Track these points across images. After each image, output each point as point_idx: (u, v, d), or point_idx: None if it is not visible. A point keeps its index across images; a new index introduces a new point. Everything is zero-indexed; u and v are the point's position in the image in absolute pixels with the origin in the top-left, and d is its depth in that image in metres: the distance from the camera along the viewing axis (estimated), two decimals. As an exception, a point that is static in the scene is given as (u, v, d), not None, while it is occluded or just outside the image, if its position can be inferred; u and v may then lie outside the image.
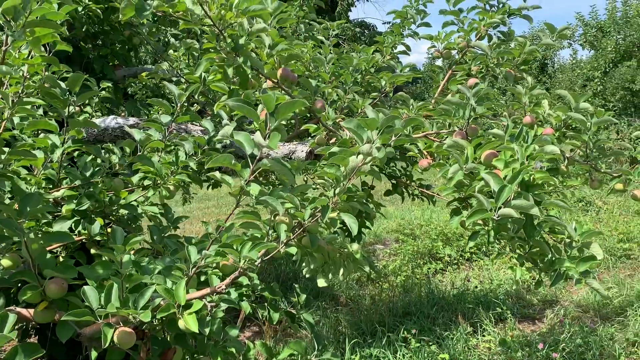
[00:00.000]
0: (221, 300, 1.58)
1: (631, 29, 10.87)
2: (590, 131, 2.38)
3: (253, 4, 1.70)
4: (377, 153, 1.59)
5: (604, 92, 11.49)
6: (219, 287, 1.51)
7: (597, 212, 7.90)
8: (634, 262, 5.65)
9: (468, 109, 2.12)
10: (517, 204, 1.64)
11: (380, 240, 7.81)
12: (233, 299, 1.60)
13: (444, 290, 4.88)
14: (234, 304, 1.59)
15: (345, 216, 1.66)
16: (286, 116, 1.33)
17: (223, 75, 1.82)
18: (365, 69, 3.18)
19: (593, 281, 1.96)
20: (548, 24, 2.88)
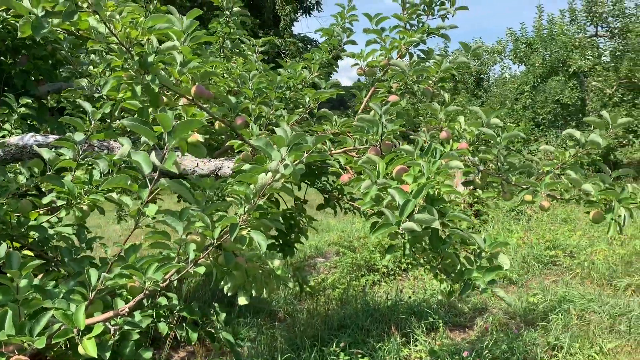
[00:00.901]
0: (125, 323, 1.54)
1: (556, 45, 11.50)
2: (500, 145, 2.50)
3: (159, 22, 1.69)
4: (284, 170, 1.61)
5: (533, 105, 12.07)
6: (122, 310, 1.48)
7: (527, 220, 8.25)
8: (559, 269, 5.93)
9: (380, 126, 2.19)
10: (420, 218, 1.70)
11: (321, 253, 7.84)
12: (137, 322, 1.57)
13: (379, 301, 4.96)
14: (138, 327, 1.56)
15: (255, 234, 1.66)
16: (185, 135, 1.33)
17: (132, 93, 1.80)
18: (293, 85, 3.22)
19: (499, 290, 2.05)
20: (463, 43, 3.02)
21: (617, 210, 2.28)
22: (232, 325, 4.62)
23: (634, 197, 2.31)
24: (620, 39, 11.67)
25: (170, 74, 1.96)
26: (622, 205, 2.28)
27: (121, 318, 1.53)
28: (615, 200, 2.29)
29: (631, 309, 4.31)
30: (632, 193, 2.31)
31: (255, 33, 22.02)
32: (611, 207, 2.30)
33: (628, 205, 2.29)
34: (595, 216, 2.36)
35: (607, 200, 2.34)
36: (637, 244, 6.40)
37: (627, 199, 2.28)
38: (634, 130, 10.84)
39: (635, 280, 5.16)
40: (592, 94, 11.21)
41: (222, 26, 3.36)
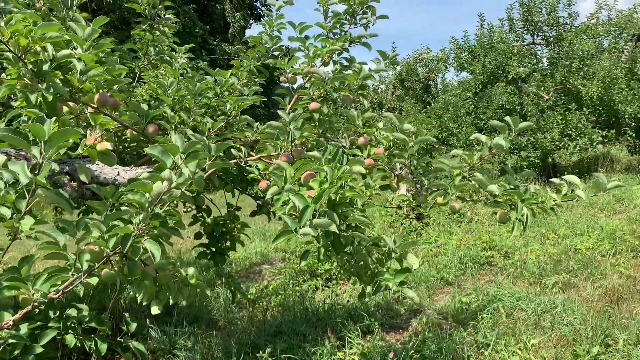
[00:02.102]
0: (9, 336, 1.51)
1: (495, 53, 11.90)
2: (413, 149, 2.58)
3: (50, 31, 1.67)
4: (178, 179, 1.62)
5: (476, 111, 12.44)
6: (6, 323, 1.45)
7: (468, 222, 8.48)
8: (494, 269, 6.12)
9: (290, 133, 2.22)
10: (318, 222, 1.73)
11: (267, 260, 7.83)
12: (22, 334, 1.53)
13: (318, 306, 4.99)
14: (23, 340, 1.52)
15: (149, 243, 1.65)
16: (61, 145, 1.32)
17: (26, 102, 1.76)
18: (220, 92, 3.22)
19: (408, 290, 2.12)
20: (381, 52, 3.09)
21: (520, 210, 2.39)
22: (169, 335, 4.55)
23: (536, 197, 2.42)
24: (555, 47, 12.20)
25: (72, 82, 1.94)
26: (525, 205, 2.39)
27: (6, 331, 1.49)
28: (519, 200, 2.40)
29: (556, 305, 4.49)
30: (534, 194, 2.42)
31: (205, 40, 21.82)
32: (515, 207, 2.41)
33: (530, 205, 2.40)
34: (502, 216, 2.47)
35: (512, 200, 2.45)
36: (568, 243, 6.69)
37: (530, 199, 2.39)
38: (569, 134, 11.34)
39: (562, 278, 5.39)
40: (528, 99, 11.65)
41: (145, 33, 3.33)
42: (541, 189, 2.48)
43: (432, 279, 5.74)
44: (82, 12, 3.26)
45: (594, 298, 4.79)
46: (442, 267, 6.08)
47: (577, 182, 2.37)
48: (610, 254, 6.24)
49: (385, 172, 2.64)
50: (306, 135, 2.31)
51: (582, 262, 5.85)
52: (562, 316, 4.27)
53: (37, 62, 1.76)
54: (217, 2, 22.07)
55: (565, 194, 2.40)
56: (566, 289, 5.21)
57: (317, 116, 2.93)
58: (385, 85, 21.34)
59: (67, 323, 2.12)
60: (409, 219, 8.22)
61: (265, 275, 7.00)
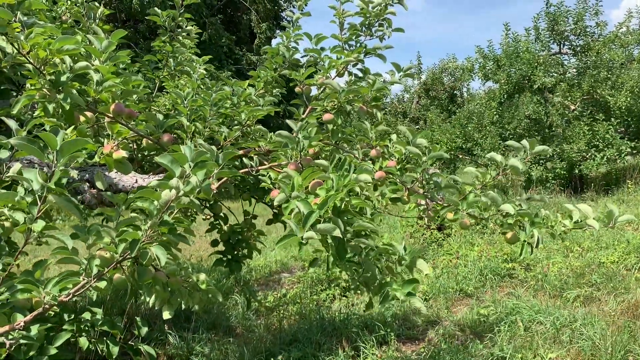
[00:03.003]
0: (21, 337, 1.57)
1: (520, 63, 11.79)
2: (426, 164, 2.58)
3: (68, 44, 1.75)
4: (185, 187, 1.67)
5: (500, 120, 12.32)
6: (18, 324, 1.51)
7: (490, 234, 8.38)
8: (514, 281, 6.04)
9: (299, 143, 2.26)
10: (321, 228, 1.76)
11: (287, 268, 7.87)
12: (32, 335, 1.59)
13: (334, 315, 5.00)
14: (33, 341, 1.58)
15: (156, 248, 1.70)
16: (73, 154, 1.38)
17: (44, 112, 1.84)
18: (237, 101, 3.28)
19: (416, 301, 2.12)
20: (395, 64, 3.11)
21: (529, 232, 2.37)
22: (186, 341, 4.62)
23: (547, 221, 2.40)
24: (582, 56, 12.02)
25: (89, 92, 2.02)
26: (535, 228, 2.36)
27: (17, 332, 1.55)
28: (529, 222, 2.38)
29: (575, 319, 4.41)
30: (544, 217, 2.40)
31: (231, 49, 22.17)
32: (525, 228, 2.39)
33: (540, 228, 2.38)
34: (512, 237, 2.45)
35: (522, 221, 2.43)
36: (592, 256, 6.55)
37: (540, 222, 2.38)
38: (596, 145, 11.12)
39: (584, 292, 5.28)
40: (553, 109, 11.48)
41: (165, 45, 3.42)
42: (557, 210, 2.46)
43: (451, 291, 5.69)
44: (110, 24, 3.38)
45: (616, 313, 4.68)
46: (462, 279, 6.02)
47: (588, 211, 2.33)
48: (636, 268, 6.08)
49: (396, 185, 2.65)
50: (316, 145, 2.35)
51: (606, 276, 5.72)
52: (581, 330, 4.19)
53: (55, 74, 1.84)
54: (243, 13, 22.41)
55: (577, 221, 2.36)
56: (588, 303, 5.10)
57: (330, 127, 2.96)
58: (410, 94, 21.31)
59: (81, 326, 2.19)
60: (430, 229, 8.17)
61: (284, 283, 7.03)
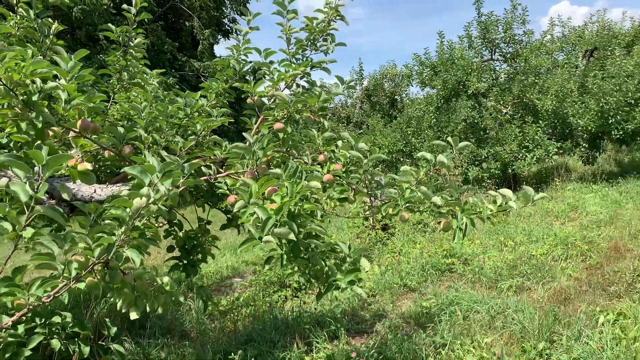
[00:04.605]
0: (9, 335, 1.71)
1: (455, 69, 12.43)
2: (367, 166, 2.86)
3: (40, 67, 1.90)
4: (155, 195, 1.86)
5: (438, 125, 12.92)
6: (5, 324, 1.65)
7: (432, 232, 8.84)
8: (454, 275, 6.46)
9: (255, 154, 2.48)
10: (278, 232, 1.99)
11: (238, 273, 8.01)
12: (19, 333, 1.74)
13: (287, 315, 5.22)
14: (20, 338, 1.73)
15: (130, 252, 1.88)
16: (56, 167, 1.55)
17: (17, 129, 1.98)
18: (190, 112, 3.45)
19: (357, 288, 2.38)
20: (339, 77, 3.38)
21: (460, 219, 2.69)
22: (142, 346, 4.71)
23: (475, 207, 2.73)
24: (512, 63, 12.81)
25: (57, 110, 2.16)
26: (464, 215, 2.69)
27: (5, 331, 1.69)
28: (459, 210, 2.70)
29: (508, 307, 4.83)
30: (473, 205, 2.73)
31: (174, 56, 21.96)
32: (456, 216, 2.71)
33: (470, 215, 2.70)
34: (445, 225, 2.76)
35: (454, 210, 2.75)
36: (523, 249, 7.09)
37: (469, 209, 2.70)
38: (526, 145, 11.89)
39: (516, 282, 5.75)
40: (487, 113, 12.18)
41: (119, 59, 3.55)
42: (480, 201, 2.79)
43: (396, 286, 6.03)
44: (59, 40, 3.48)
45: (543, 299, 5.15)
46: (405, 275, 6.38)
47: (509, 194, 2.67)
48: (562, 258, 6.65)
49: (343, 186, 2.92)
50: (270, 154, 2.57)
51: (536, 267, 6.23)
52: (513, 316, 4.61)
53: (26, 94, 1.98)
54: (185, 19, 22.25)
55: (500, 204, 2.70)
56: (519, 291, 5.57)
57: (281, 135, 3.19)
58: (353, 100, 21.84)
59: (52, 329, 2.32)
60: (375, 229, 8.54)
61: (236, 288, 7.18)
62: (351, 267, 2.49)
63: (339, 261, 2.54)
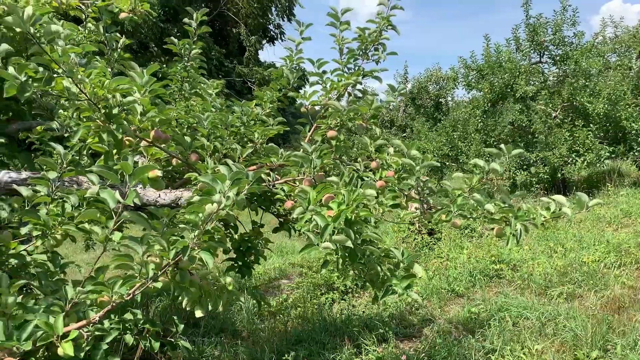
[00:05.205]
0: (96, 330, 1.88)
1: (503, 72, 12.26)
2: (419, 173, 2.94)
3: (122, 84, 2.08)
4: (226, 201, 2.00)
5: (485, 128, 12.77)
6: (93, 319, 1.82)
7: (479, 237, 8.77)
8: (502, 281, 6.41)
9: (312, 162, 2.60)
10: (336, 239, 2.10)
11: (285, 275, 8.17)
12: (106, 328, 1.91)
13: (335, 317, 5.32)
14: (106, 332, 1.90)
15: (203, 254, 2.03)
16: (142, 177, 1.70)
17: (99, 139, 2.16)
18: (246, 121, 3.61)
19: (413, 293, 2.46)
20: (390, 86, 3.47)
21: (514, 226, 2.73)
22: (197, 344, 4.91)
23: (528, 214, 2.76)
24: (561, 65, 12.52)
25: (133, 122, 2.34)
26: (518, 221, 2.73)
27: (93, 326, 1.87)
28: (513, 217, 2.74)
29: (559, 314, 4.78)
30: (526, 211, 2.76)
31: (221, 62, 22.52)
32: (510, 223, 2.75)
33: (524, 221, 2.74)
34: (498, 231, 2.81)
35: (507, 217, 2.79)
36: (574, 256, 6.95)
37: (522, 215, 2.74)
38: (577, 150, 11.60)
39: (566, 289, 5.66)
40: (536, 117, 11.95)
41: (181, 71, 3.75)
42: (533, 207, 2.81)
43: (443, 291, 6.04)
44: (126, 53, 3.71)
45: (596, 307, 5.07)
46: (453, 280, 6.38)
47: (563, 201, 2.69)
48: (615, 266, 6.49)
49: (395, 192, 3.00)
50: (326, 162, 2.68)
51: (587, 274, 6.11)
52: (564, 324, 4.56)
53: (106, 107, 2.17)
54: (232, 26, 22.76)
55: (554, 211, 2.72)
56: (570, 299, 5.49)
57: (334, 143, 3.31)
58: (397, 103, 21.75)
59: (125, 325, 2.50)
60: (421, 234, 8.54)
61: (284, 289, 7.34)
62: (405, 272, 2.56)
63: (392, 266, 2.63)
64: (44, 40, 1.85)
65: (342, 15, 3.47)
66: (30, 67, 1.94)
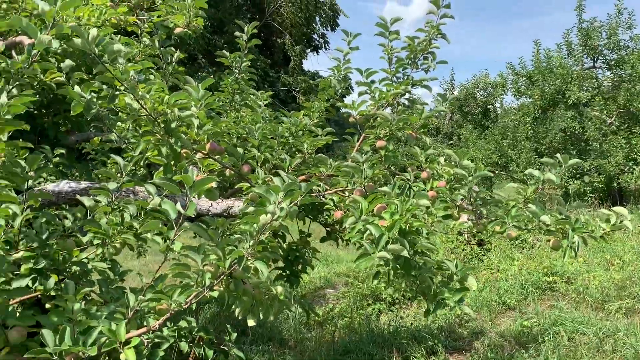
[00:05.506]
0: (155, 337, 1.94)
1: (554, 78, 11.93)
2: (471, 183, 2.88)
3: (180, 98, 2.14)
4: (280, 212, 2.02)
5: (535, 136, 12.44)
6: (153, 327, 1.87)
7: (530, 248, 8.52)
8: (556, 294, 6.20)
9: (363, 172, 2.60)
10: (392, 248, 2.08)
11: (330, 284, 8.17)
12: (165, 335, 1.96)
13: (383, 328, 5.27)
14: (165, 339, 1.95)
15: (258, 263, 2.06)
16: (202, 189, 1.75)
17: (158, 152, 2.23)
18: (294, 131, 3.65)
19: (465, 307, 2.41)
20: (441, 95, 3.44)
21: (572, 238, 2.64)
22: (245, 352, 4.97)
23: (586, 226, 2.67)
24: (617, 70, 12.08)
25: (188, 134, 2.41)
26: (576, 233, 2.63)
27: (152, 333, 1.92)
28: (570, 229, 2.65)
29: (618, 330, 4.58)
30: (584, 223, 2.67)
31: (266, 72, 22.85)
32: (567, 235, 2.66)
33: (581, 233, 2.64)
34: (554, 243, 2.72)
35: (564, 229, 2.70)
36: (632, 269, 6.66)
37: (580, 228, 2.64)
38: (634, 158, 11.13)
39: (626, 304, 5.42)
40: (590, 123, 11.56)
41: (232, 83, 3.83)
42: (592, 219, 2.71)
43: (494, 304, 5.90)
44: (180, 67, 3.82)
45: (658, 324, 4.83)
46: (504, 292, 6.22)
47: (624, 213, 2.59)
48: (678, 280, 6.18)
49: (447, 203, 2.96)
50: (377, 173, 2.67)
51: (648, 288, 5.85)
52: (624, 340, 4.37)
53: (166, 122, 2.24)
54: (277, 36, 23.10)
55: (614, 223, 2.62)
56: (630, 314, 5.25)
57: (383, 152, 3.30)
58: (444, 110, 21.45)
59: (180, 332, 2.55)
60: (470, 245, 8.37)
61: (329, 298, 7.34)
62: (458, 285, 2.52)
63: (445, 279, 2.59)
64: (106, 59, 1.94)
65: (391, 25, 3.46)
66: (95, 85, 2.03)
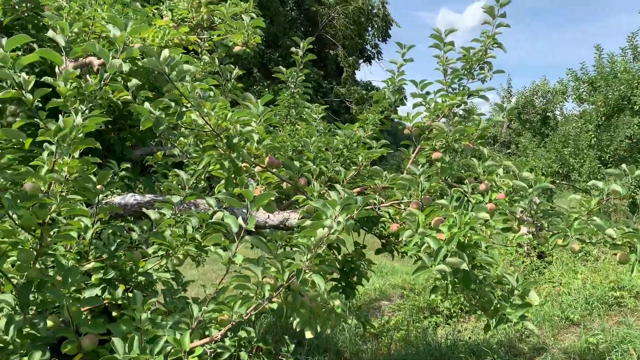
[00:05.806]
0: (218, 347, 2.00)
1: (618, 83, 11.43)
2: (531, 195, 2.81)
3: (242, 115, 2.22)
4: (337, 226, 2.05)
5: (599, 144, 11.93)
6: (216, 337, 1.94)
7: (594, 261, 8.16)
8: (624, 309, 5.91)
9: (420, 184, 2.59)
10: (450, 261, 2.07)
11: (385, 296, 8.11)
12: (227, 345, 2.02)
13: (440, 342, 5.19)
14: (227, 349, 2.00)
15: (315, 276, 2.09)
16: (263, 203, 1.80)
17: (221, 166, 2.32)
18: (349, 144, 3.68)
19: (528, 323, 2.35)
20: (499, 104, 3.39)
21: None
22: (301, 363, 5.01)
23: (656, 239, 2.54)
24: (687, 74, 11.44)
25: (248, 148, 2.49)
26: (645, 247, 2.52)
27: (215, 343, 1.98)
28: (638, 242, 2.54)
29: (694, 349, 4.32)
30: (655, 236, 2.54)
31: (319, 84, 23.08)
32: (635, 248, 2.55)
33: (652, 247, 2.52)
34: (621, 257, 2.61)
35: (631, 242, 2.58)
36: None
37: (650, 241, 2.52)
38: None
39: (702, 321, 5.10)
40: (658, 131, 10.99)
41: (288, 98, 3.91)
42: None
43: (556, 318, 5.68)
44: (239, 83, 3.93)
45: None
46: (567, 307, 5.98)
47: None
48: None
49: (506, 215, 2.90)
50: (433, 186, 2.66)
51: None
52: (701, 361, 4.11)
53: (228, 137, 2.32)
54: (330, 48, 23.30)
55: (690, 236, 2.49)
56: None
57: (439, 164, 3.27)
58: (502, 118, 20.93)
59: (240, 342, 2.61)
60: (530, 257, 8.11)
61: (385, 311, 7.28)
62: (519, 299, 2.46)
63: (505, 293, 2.53)
64: (174, 78, 2.03)
65: (445, 36, 3.44)
66: (164, 102, 2.13)
